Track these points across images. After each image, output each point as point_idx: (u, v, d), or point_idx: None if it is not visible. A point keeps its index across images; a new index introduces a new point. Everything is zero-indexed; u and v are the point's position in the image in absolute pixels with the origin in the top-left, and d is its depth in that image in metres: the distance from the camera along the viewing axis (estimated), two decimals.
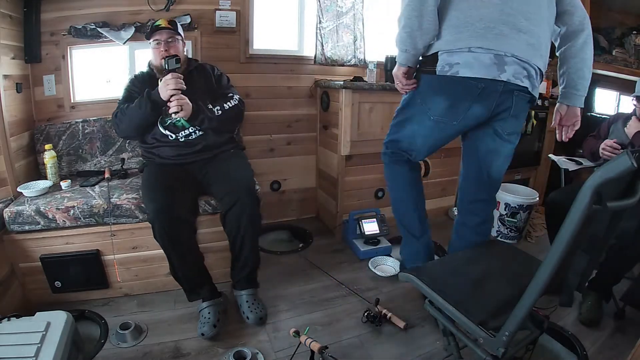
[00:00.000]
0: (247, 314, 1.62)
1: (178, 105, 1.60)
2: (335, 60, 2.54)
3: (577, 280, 1.03)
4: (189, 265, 1.60)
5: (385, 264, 2.15)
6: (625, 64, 3.44)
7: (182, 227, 1.53)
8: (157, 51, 1.72)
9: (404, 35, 1.21)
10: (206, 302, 1.59)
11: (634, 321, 1.71)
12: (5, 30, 1.77)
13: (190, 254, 1.60)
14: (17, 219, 1.56)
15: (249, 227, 1.60)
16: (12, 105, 1.79)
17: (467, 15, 1.13)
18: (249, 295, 1.67)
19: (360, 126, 2.28)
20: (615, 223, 0.97)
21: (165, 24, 1.72)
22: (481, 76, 1.17)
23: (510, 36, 1.13)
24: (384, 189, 2.60)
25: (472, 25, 1.12)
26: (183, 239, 1.54)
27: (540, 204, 2.76)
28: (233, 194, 1.58)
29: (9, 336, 1.04)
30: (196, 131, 1.75)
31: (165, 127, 1.73)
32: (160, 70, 1.72)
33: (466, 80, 1.18)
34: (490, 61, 1.15)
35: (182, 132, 1.74)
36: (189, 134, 1.75)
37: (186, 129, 1.74)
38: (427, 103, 1.33)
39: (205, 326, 1.51)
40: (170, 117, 1.70)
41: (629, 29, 3.53)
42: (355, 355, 1.48)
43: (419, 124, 1.40)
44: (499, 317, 0.98)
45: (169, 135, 1.73)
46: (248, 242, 1.62)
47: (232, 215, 1.59)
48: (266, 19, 2.48)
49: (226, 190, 1.61)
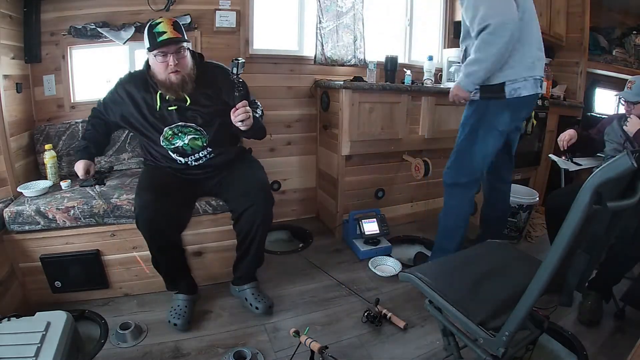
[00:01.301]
0: (255, 305, 1.66)
1: (246, 114, 1.47)
2: (335, 60, 2.54)
3: (577, 280, 1.03)
4: (170, 259, 1.62)
5: (385, 264, 2.15)
6: (625, 64, 3.44)
7: (166, 222, 1.52)
8: (163, 65, 1.49)
9: (482, 75, 1.64)
10: (182, 294, 1.64)
11: (634, 321, 1.71)
12: (5, 30, 1.76)
13: (172, 249, 1.61)
14: (17, 219, 1.56)
15: (261, 227, 1.62)
16: (12, 105, 1.79)
17: (521, 56, 1.64)
18: (253, 289, 1.71)
19: (360, 126, 2.28)
20: (615, 223, 0.97)
21: (171, 32, 1.46)
22: (532, 93, 1.71)
23: (539, 64, 1.72)
24: (384, 189, 2.60)
25: (525, 62, 1.65)
26: (166, 234, 1.55)
27: (540, 204, 2.76)
28: (250, 196, 1.59)
29: (9, 336, 1.04)
30: (206, 154, 1.67)
31: (174, 150, 1.64)
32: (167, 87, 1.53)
33: (525, 97, 1.70)
34: (535, 83, 1.71)
35: (192, 156, 1.66)
36: (200, 158, 1.67)
37: (197, 152, 1.65)
38: (494, 120, 1.75)
39: (181, 319, 1.55)
40: (176, 139, 1.61)
41: (629, 29, 3.53)
42: (355, 355, 1.48)
43: (484, 141, 1.79)
44: (499, 317, 0.98)
45: (177, 160, 1.65)
46: (257, 241, 1.65)
47: (248, 216, 1.60)
48: (266, 19, 2.48)
49: (242, 192, 1.62)
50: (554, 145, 3.05)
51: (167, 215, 1.51)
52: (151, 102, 1.60)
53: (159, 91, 1.57)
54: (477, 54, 1.60)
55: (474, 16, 1.57)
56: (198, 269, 1.80)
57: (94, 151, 1.70)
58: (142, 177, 1.70)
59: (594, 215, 0.81)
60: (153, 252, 1.58)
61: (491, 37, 1.53)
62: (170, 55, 1.48)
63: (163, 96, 1.58)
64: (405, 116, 2.40)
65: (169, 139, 1.62)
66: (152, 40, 1.47)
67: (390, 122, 2.37)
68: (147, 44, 1.49)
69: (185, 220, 1.69)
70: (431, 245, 2.40)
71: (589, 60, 3.28)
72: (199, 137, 1.64)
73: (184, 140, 1.63)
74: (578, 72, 3.26)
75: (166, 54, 1.48)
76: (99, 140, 1.74)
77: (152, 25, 1.48)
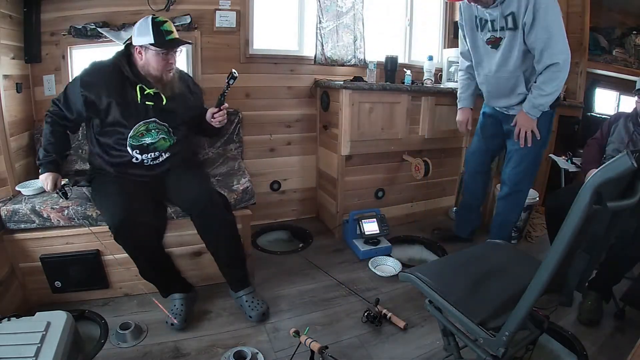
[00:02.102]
0: (248, 314, 1.63)
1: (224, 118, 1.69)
2: (335, 60, 2.55)
3: (577, 280, 1.03)
4: (157, 266, 1.60)
5: (385, 264, 2.15)
6: (625, 64, 3.44)
7: (145, 231, 1.49)
8: (165, 63, 1.53)
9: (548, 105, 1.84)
10: (178, 293, 1.63)
11: (634, 321, 1.71)
12: (5, 30, 1.77)
13: (157, 256, 1.59)
14: (13, 217, 1.56)
15: (223, 232, 1.61)
16: (12, 105, 1.80)
17: None
18: (247, 295, 1.67)
19: (360, 126, 2.28)
20: (615, 223, 0.97)
21: (176, 33, 1.53)
22: None
23: None
24: (384, 189, 2.61)
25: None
26: (147, 243, 1.53)
27: (540, 204, 2.76)
28: (197, 205, 1.57)
29: (9, 336, 1.04)
30: (163, 154, 1.65)
31: (137, 146, 1.59)
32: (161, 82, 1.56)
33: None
34: None
35: (152, 153, 1.62)
36: (156, 157, 1.64)
37: (159, 151, 1.63)
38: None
39: (177, 318, 1.55)
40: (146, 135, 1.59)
41: (629, 29, 3.53)
42: (355, 355, 1.48)
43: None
44: (499, 317, 0.98)
45: (135, 156, 1.59)
46: (227, 246, 1.63)
47: (203, 226, 1.60)
48: (266, 19, 2.48)
49: (188, 201, 1.59)
50: (554, 145, 3.05)
51: (145, 225, 1.49)
52: (127, 94, 1.54)
53: (139, 84, 1.54)
54: (546, 87, 1.77)
55: (545, 49, 1.70)
56: (197, 269, 1.80)
57: (60, 162, 1.61)
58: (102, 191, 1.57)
59: (594, 215, 0.81)
60: (139, 264, 1.56)
61: (560, 73, 1.73)
62: (173, 54, 1.55)
63: (143, 89, 1.56)
64: (405, 116, 2.40)
65: (139, 136, 1.57)
66: (160, 37, 1.47)
67: (390, 122, 2.37)
68: (152, 39, 1.47)
69: (162, 226, 1.66)
70: (431, 246, 2.41)
71: (589, 60, 3.27)
72: (168, 139, 1.64)
73: (155, 137, 1.60)
74: (578, 72, 3.25)
75: (169, 52, 1.53)
76: (62, 149, 1.63)
77: (157, 22, 1.49)
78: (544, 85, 1.77)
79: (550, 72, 1.73)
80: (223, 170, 2.08)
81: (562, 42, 1.69)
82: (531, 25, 1.69)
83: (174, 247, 1.74)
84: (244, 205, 1.86)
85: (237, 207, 1.83)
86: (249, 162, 2.46)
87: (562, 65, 1.71)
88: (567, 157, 2.59)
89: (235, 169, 2.09)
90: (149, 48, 1.50)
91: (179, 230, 1.73)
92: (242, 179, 1.92)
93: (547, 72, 1.73)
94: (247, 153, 2.51)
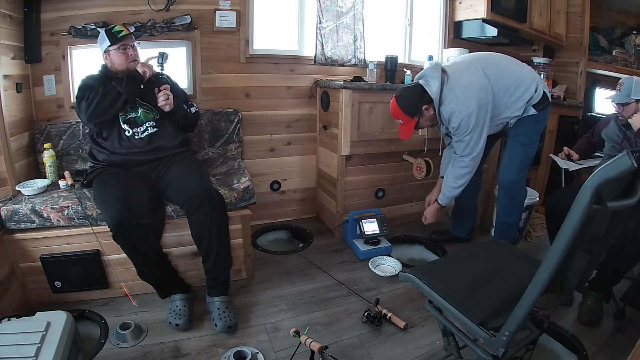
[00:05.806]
0: (215, 321, 1.58)
1: (166, 95, 1.74)
2: (335, 60, 2.55)
3: (577, 280, 1.03)
4: (155, 267, 1.62)
5: (385, 264, 2.15)
6: (625, 64, 3.44)
7: (143, 231, 1.52)
8: (125, 56, 1.72)
9: (458, 192, 2.00)
10: (178, 294, 1.65)
11: (634, 321, 1.71)
12: (5, 30, 1.77)
13: (155, 256, 1.61)
14: (13, 217, 1.56)
15: (216, 231, 1.61)
16: (12, 105, 1.80)
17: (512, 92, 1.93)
18: (222, 303, 1.62)
19: (360, 126, 2.27)
20: (615, 223, 0.97)
21: (126, 30, 1.73)
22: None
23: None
24: (384, 189, 2.61)
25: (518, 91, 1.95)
26: (146, 244, 1.55)
27: (540, 204, 2.76)
28: (195, 200, 1.58)
29: (9, 336, 1.04)
30: (151, 127, 1.76)
31: (125, 120, 1.73)
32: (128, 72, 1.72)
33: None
34: None
35: (140, 127, 1.74)
36: (145, 129, 1.75)
37: (144, 123, 1.75)
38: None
39: (182, 319, 1.56)
40: (131, 111, 1.73)
41: (629, 29, 3.54)
42: (355, 355, 1.48)
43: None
44: (499, 317, 0.98)
45: (127, 129, 1.72)
46: (218, 246, 1.62)
47: (197, 222, 1.61)
48: (266, 19, 2.48)
49: (187, 196, 1.61)
50: (554, 145, 3.05)
51: (143, 226, 1.52)
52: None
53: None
54: (460, 179, 1.97)
55: (467, 145, 1.88)
56: (196, 269, 1.79)
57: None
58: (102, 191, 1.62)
59: (594, 215, 0.81)
60: (137, 264, 1.58)
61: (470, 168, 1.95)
62: (129, 48, 1.73)
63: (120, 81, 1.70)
64: None
65: (126, 111, 1.74)
66: (113, 37, 1.69)
67: (390, 122, 2.36)
68: (108, 42, 1.69)
69: (160, 226, 1.69)
70: (431, 246, 2.41)
71: (589, 60, 3.28)
72: (151, 113, 1.78)
73: (139, 112, 1.76)
74: (578, 72, 3.26)
75: (126, 46, 1.72)
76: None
77: (109, 29, 1.73)
78: (458, 177, 1.98)
79: (463, 163, 1.94)
80: (223, 170, 2.08)
81: (479, 143, 1.89)
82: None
83: (173, 247, 1.75)
84: (244, 204, 1.86)
85: (238, 207, 1.83)
86: (249, 162, 2.47)
87: (473, 160, 1.92)
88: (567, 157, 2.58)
89: (235, 169, 2.09)
90: (109, 50, 1.71)
91: (178, 230, 1.73)
92: (243, 178, 1.92)
93: (461, 163, 1.94)
94: (247, 153, 2.51)
